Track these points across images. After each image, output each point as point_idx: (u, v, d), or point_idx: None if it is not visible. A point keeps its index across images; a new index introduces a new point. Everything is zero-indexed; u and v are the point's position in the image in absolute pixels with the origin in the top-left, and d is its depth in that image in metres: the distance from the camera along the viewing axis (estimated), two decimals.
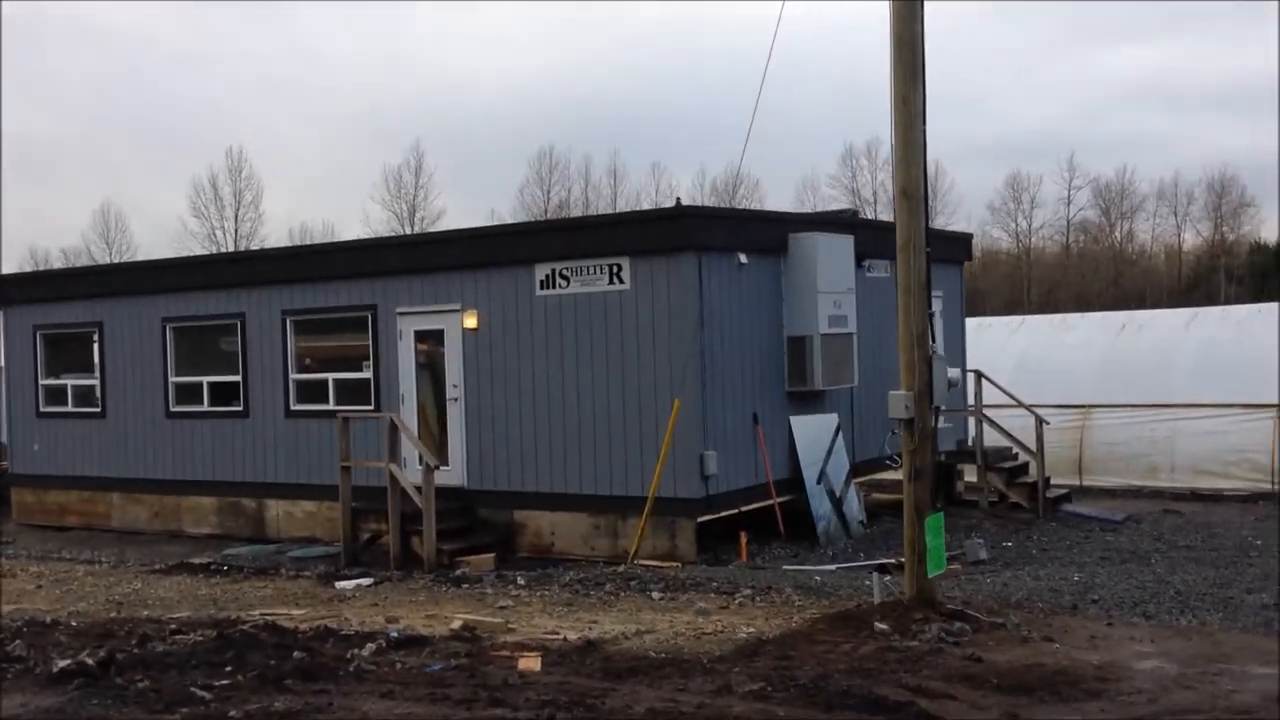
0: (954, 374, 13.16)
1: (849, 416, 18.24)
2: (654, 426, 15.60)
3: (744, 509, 16.13)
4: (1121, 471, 23.14)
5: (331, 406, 18.35)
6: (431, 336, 17.63)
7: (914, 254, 11.00)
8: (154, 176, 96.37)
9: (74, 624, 11.57)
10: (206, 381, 20.01)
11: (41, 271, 42.03)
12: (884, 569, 14.13)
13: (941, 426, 11.08)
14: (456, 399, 17.28)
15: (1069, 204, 78.32)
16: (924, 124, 11.13)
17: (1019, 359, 25.21)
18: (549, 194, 77.83)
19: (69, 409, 21.73)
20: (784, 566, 14.80)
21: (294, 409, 18.86)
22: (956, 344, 21.62)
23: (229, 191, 75.78)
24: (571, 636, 10.46)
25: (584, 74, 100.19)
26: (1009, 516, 18.69)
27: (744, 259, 16.19)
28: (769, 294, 16.83)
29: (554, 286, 16.39)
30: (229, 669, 9.18)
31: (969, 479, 20.74)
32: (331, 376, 18.68)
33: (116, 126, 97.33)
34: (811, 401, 17.41)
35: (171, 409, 20.21)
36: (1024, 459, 19.88)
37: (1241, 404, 22.01)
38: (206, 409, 19.87)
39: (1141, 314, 29.42)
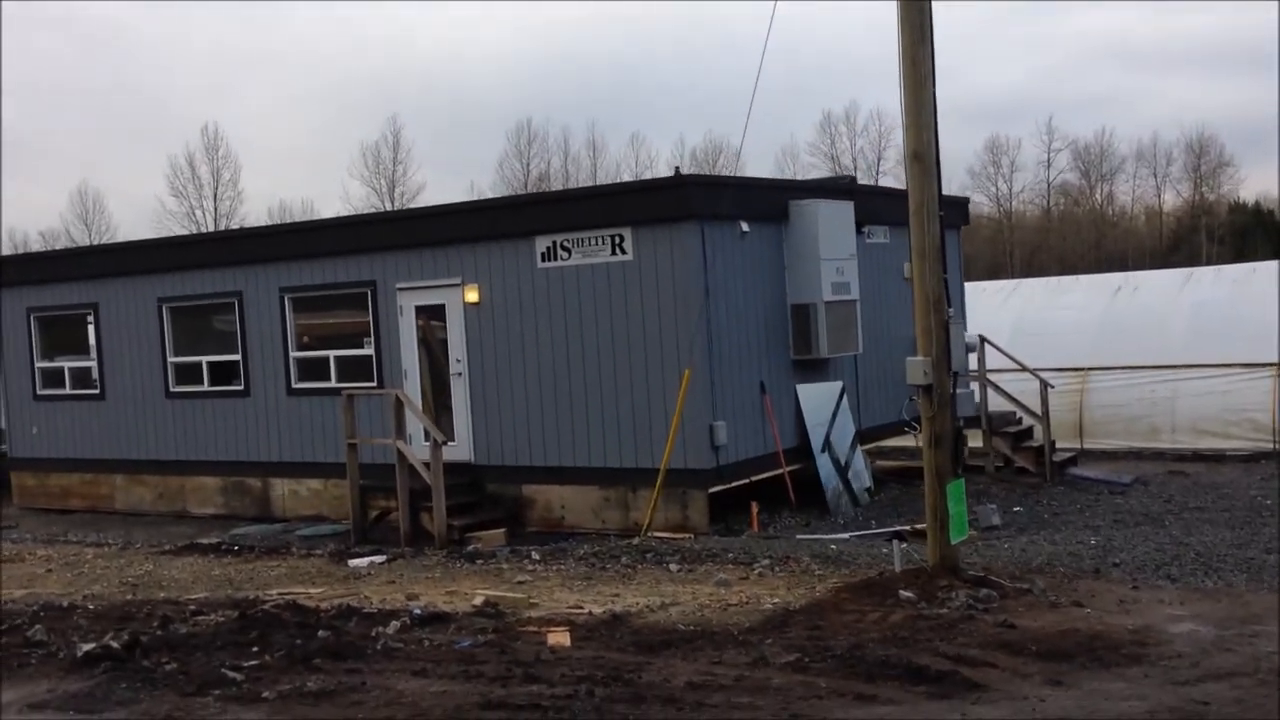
0: (971, 338, 13.10)
1: (853, 383, 18.20)
2: (661, 397, 15.54)
3: (754, 479, 16.09)
4: (1122, 434, 23.14)
5: (334, 384, 18.22)
6: (433, 311, 17.50)
7: (928, 218, 10.97)
8: (129, 158, 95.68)
9: (91, 607, 11.49)
10: (206, 361, 19.85)
11: (34, 253, 41.56)
12: (900, 536, 14.11)
13: (960, 392, 11.02)
14: (460, 374, 17.18)
15: (1049, 167, 78.36)
16: (933, 84, 11.05)
17: (1014, 323, 25.15)
18: (528, 167, 77.58)
19: (67, 391, 21.56)
20: (797, 536, 14.77)
21: (295, 387, 18.74)
22: (957, 309, 21.55)
23: (206, 171, 75.27)
24: (596, 610, 10.42)
25: (560, 45, 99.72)
26: (1016, 481, 18.71)
27: (746, 227, 16.09)
28: (771, 262, 16.74)
29: (555, 259, 16.28)
30: (255, 649, 9.14)
31: (973, 444, 20.72)
32: (332, 354, 18.54)
33: (85, 109, 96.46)
34: (816, 369, 17.36)
35: (171, 389, 20.06)
36: (1028, 423, 19.88)
37: (1242, 363, 22.01)
38: (207, 389, 19.72)
39: (1137, 275, 29.36)
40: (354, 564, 14.29)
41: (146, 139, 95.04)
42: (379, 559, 14.55)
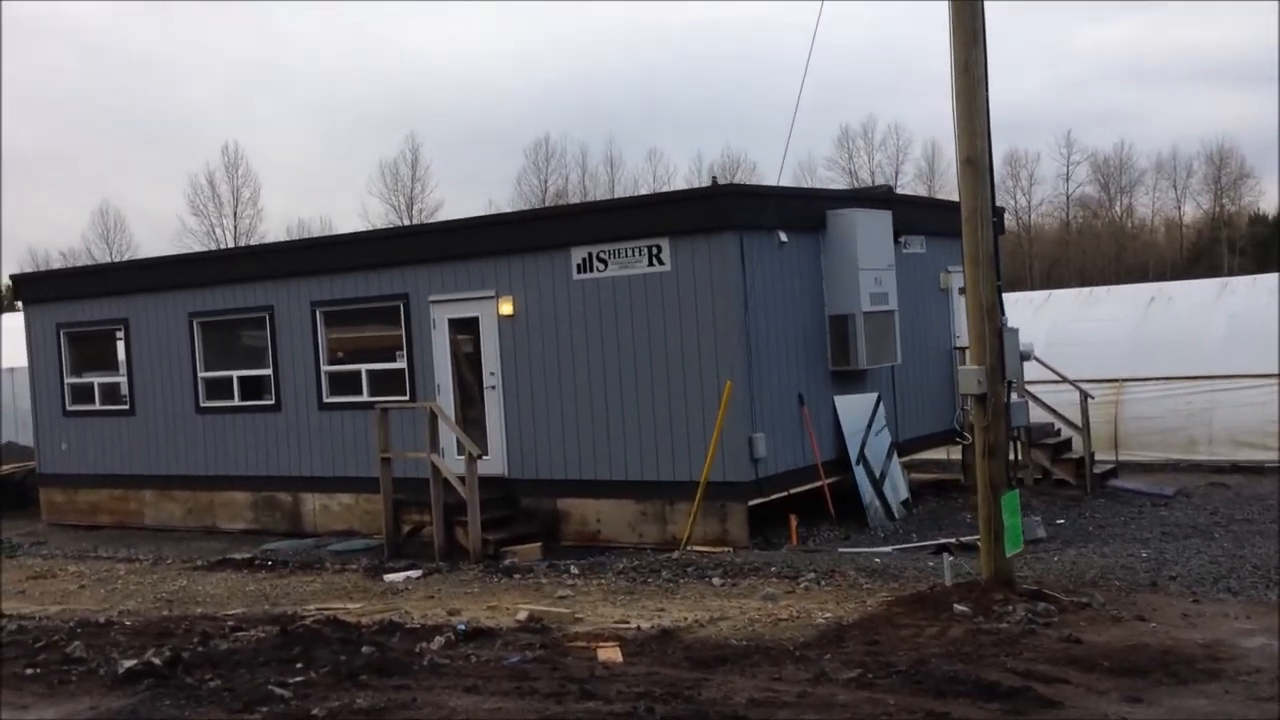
0: (1026, 346, 12.86)
1: (890, 395, 17.97)
2: (700, 410, 15.33)
3: (793, 491, 15.86)
4: (1158, 445, 22.82)
5: (366, 398, 18.08)
6: (466, 324, 17.34)
7: (981, 224, 10.71)
8: (149, 177, 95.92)
9: (128, 623, 11.31)
10: (237, 376, 19.73)
11: (64, 269, 41.52)
12: (946, 549, 13.87)
13: (1015, 401, 10.79)
14: (494, 386, 17.00)
15: (1068, 180, 77.93)
16: (986, 89, 10.86)
17: (1047, 334, 24.83)
18: (546, 183, 77.53)
19: (96, 407, 21.47)
20: (839, 550, 14.54)
21: (327, 401, 18.60)
22: None
23: (226, 189, 75.41)
24: (644, 625, 10.20)
25: (577, 62, 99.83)
26: (1055, 493, 18.42)
27: (784, 237, 15.90)
28: (809, 272, 16.54)
29: (591, 270, 16.11)
30: (299, 666, 8.94)
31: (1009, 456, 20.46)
32: (365, 368, 18.40)
33: (106, 128, 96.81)
34: (854, 381, 17.14)
35: (202, 404, 19.94)
36: (1066, 435, 19.60)
37: None
38: (238, 403, 19.60)
39: (1170, 285, 29.08)
40: (390, 579, 14.10)
41: (167, 158, 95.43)
42: (415, 574, 14.36)
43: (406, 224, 64.46)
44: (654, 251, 15.58)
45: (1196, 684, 7.41)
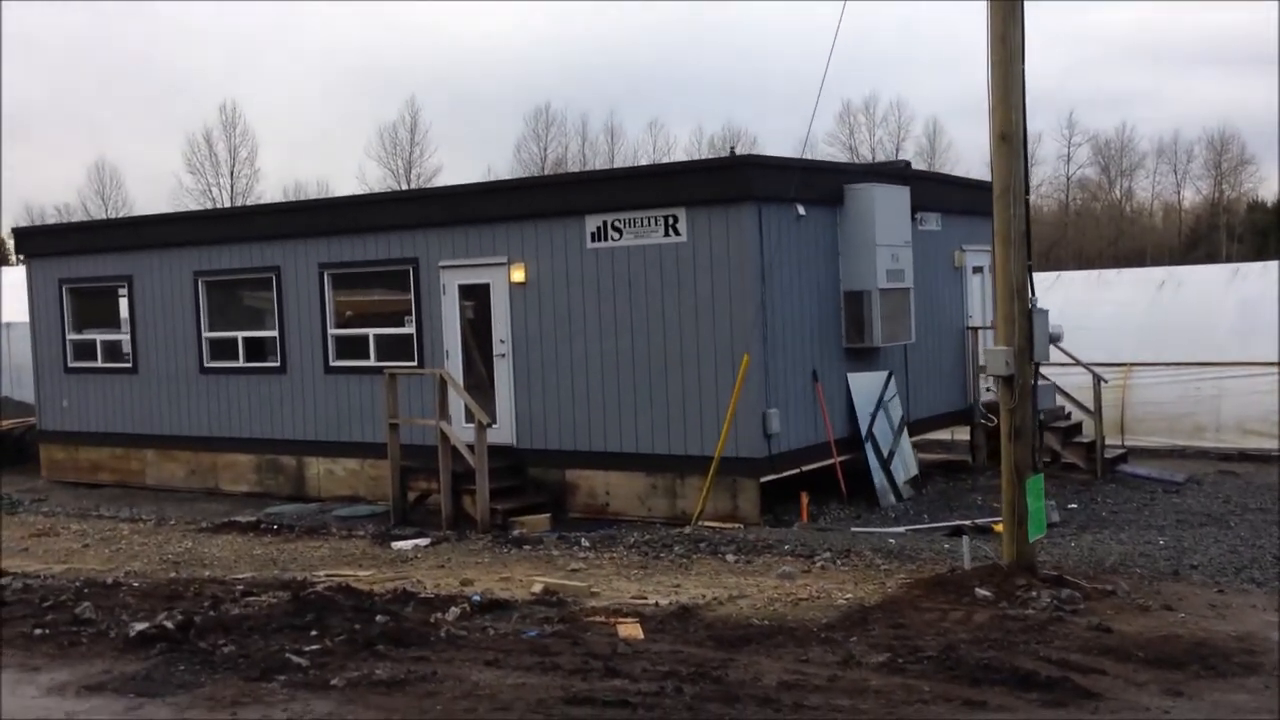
0: (1056, 328, 12.68)
1: (903, 373, 17.80)
2: (713, 383, 15.15)
3: (805, 469, 15.71)
4: (1165, 431, 22.67)
5: (373, 363, 17.89)
6: (477, 290, 17.12)
7: (1014, 201, 10.55)
8: (146, 134, 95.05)
9: (136, 584, 11.16)
10: (242, 337, 19.52)
11: (67, 224, 41.20)
12: (961, 531, 13.73)
13: (1041, 384, 10.62)
14: (504, 355, 16.80)
15: (1069, 161, 77.42)
16: (1022, 62, 10.68)
17: (1055, 315, 24.39)
18: (545, 151, 76.98)
19: (98, 365, 21.24)
20: (852, 529, 14.40)
21: (334, 365, 18.39)
22: None
23: (224, 148, 74.69)
24: (662, 601, 10.07)
25: (579, 29, 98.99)
26: (1065, 477, 18.26)
27: (802, 210, 15.68)
28: (826, 247, 16.33)
29: (606, 239, 15.89)
30: (314, 634, 8.81)
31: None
32: (372, 332, 18.19)
33: (104, 84, 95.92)
34: (867, 358, 16.96)
35: (206, 365, 19.73)
36: (1076, 418, 19.45)
37: None
38: (242, 365, 19.40)
39: (1180, 270, 28.89)
40: (398, 546, 13.95)
41: (165, 115, 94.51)
42: (423, 542, 14.22)
43: (418, 187, 63.97)
44: (670, 221, 15.36)
45: (1235, 677, 7.27)
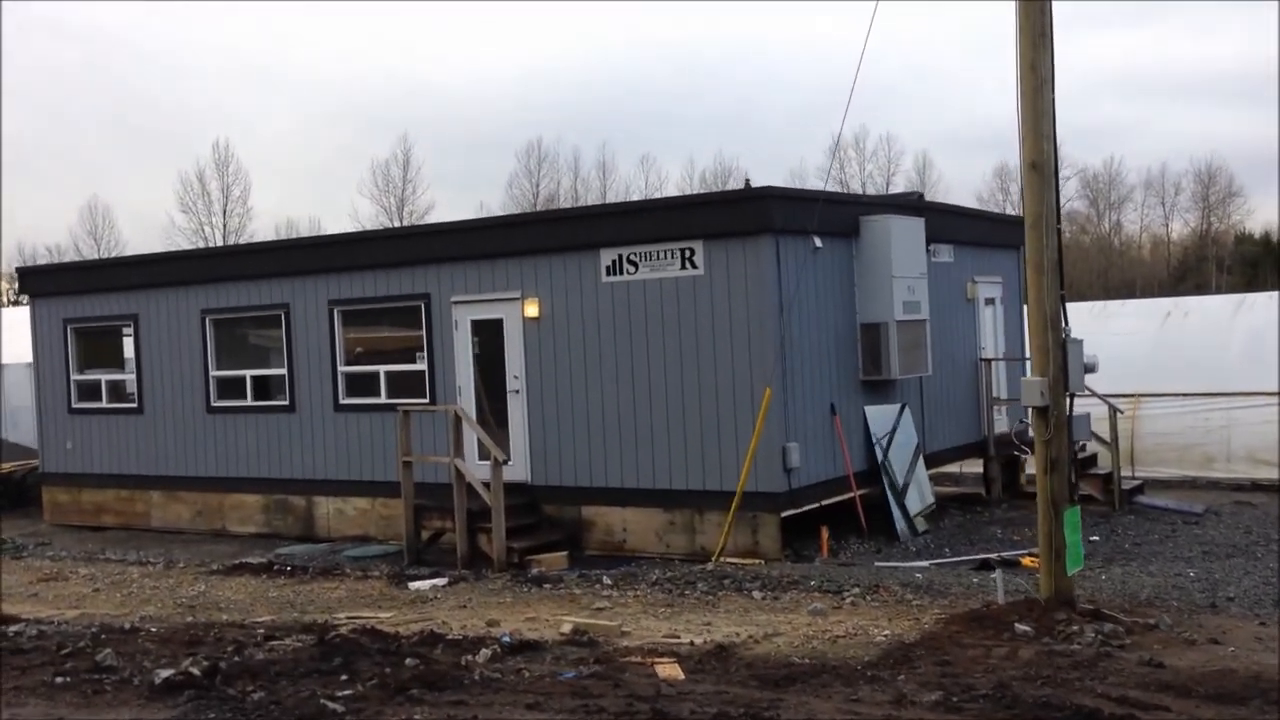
0: (1090, 358, 12.54)
1: (918, 406, 17.65)
2: (732, 417, 14.98)
3: (824, 503, 15.52)
4: (1175, 462, 22.52)
5: (384, 400, 17.70)
6: (489, 326, 16.95)
7: (1046, 230, 10.44)
8: (137, 173, 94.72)
9: (153, 629, 10.91)
10: (250, 375, 19.32)
11: (72, 263, 41.02)
12: (988, 565, 13.55)
13: (1077, 415, 10.46)
14: (518, 390, 16.63)
15: (1057, 194, 77.30)
16: (1052, 91, 10.61)
17: None
18: (538, 187, 76.98)
19: (103, 405, 21.01)
20: (876, 564, 14.20)
21: (343, 403, 18.19)
22: (1016, 330, 21.05)
23: (216, 187, 74.53)
24: (696, 640, 9.86)
25: (569, 66, 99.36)
26: (1084, 509, 17.94)
27: (819, 242, 15.57)
28: (841, 279, 16.22)
29: (621, 272, 15.76)
30: (344, 678, 8.58)
31: (1030, 471, 20.18)
32: (383, 369, 18.00)
33: (95, 124, 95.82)
34: (884, 391, 16.81)
35: (213, 404, 19.52)
36: (1091, 450, 19.29)
37: None
38: (250, 404, 19.18)
39: (1187, 300, 28.83)
40: (415, 586, 13.72)
41: (157, 154, 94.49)
42: (440, 582, 13.98)
43: (429, 222, 63.78)
44: (687, 254, 15.24)
45: None
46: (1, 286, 60.97)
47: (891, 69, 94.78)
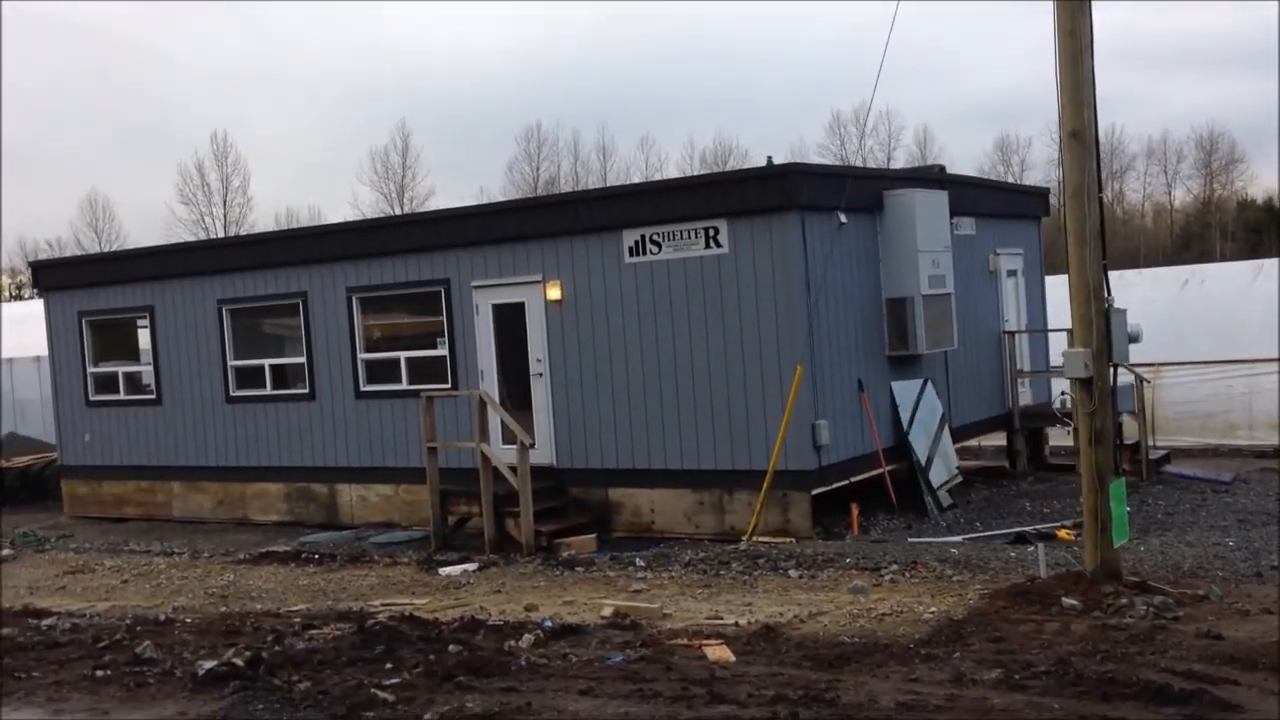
0: (1134, 328, 12.39)
1: (944, 380, 17.52)
2: (760, 396, 14.85)
3: (854, 479, 15.40)
4: (1198, 430, 22.40)
5: (405, 386, 17.58)
6: (511, 310, 16.81)
7: (1088, 199, 10.26)
8: (136, 166, 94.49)
9: (189, 620, 10.83)
10: (269, 364, 19.20)
11: (86, 255, 40.77)
12: (1024, 539, 13.44)
13: (1120, 385, 10.32)
14: (541, 374, 16.49)
15: (1060, 165, 76.99)
16: (1091, 58, 10.43)
17: None
18: (538, 170, 76.72)
19: (121, 397, 20.90)
20: (908, 540, 14.09)
21: (364, 390, 18.07)
22: (1038, 302, 20.93)
23: (216, 178, 74.31)
24: (741, 621, 9.75)
25: (569, 47, 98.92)
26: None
27: (844, 218, 15.40)
28: (866, 254, 16.06)
29: (644, 253, 15.60)
30: (388, 666, 8.48)
31: (1059, 442, 20.08)
32: (404, 355, 17.87)
33: (94, 117, 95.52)
34: (910, 366, 16.67)
35: (232, 394, 19.40)
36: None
37: None
38: (270, 393, 19.07)
39: (1205, 267, 28.66)
40: (446, 572, 13.62)
41: (156, 146, 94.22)
42: (470, 567, 13.89)
43: (447, 207, 63.60)
44: (711, 233, 15.08)
45: None
46: (2, 282, 60.86)
47: (892, 40, 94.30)
